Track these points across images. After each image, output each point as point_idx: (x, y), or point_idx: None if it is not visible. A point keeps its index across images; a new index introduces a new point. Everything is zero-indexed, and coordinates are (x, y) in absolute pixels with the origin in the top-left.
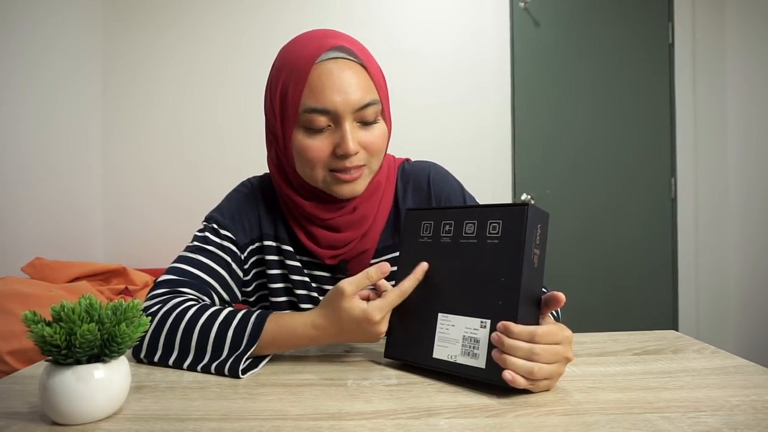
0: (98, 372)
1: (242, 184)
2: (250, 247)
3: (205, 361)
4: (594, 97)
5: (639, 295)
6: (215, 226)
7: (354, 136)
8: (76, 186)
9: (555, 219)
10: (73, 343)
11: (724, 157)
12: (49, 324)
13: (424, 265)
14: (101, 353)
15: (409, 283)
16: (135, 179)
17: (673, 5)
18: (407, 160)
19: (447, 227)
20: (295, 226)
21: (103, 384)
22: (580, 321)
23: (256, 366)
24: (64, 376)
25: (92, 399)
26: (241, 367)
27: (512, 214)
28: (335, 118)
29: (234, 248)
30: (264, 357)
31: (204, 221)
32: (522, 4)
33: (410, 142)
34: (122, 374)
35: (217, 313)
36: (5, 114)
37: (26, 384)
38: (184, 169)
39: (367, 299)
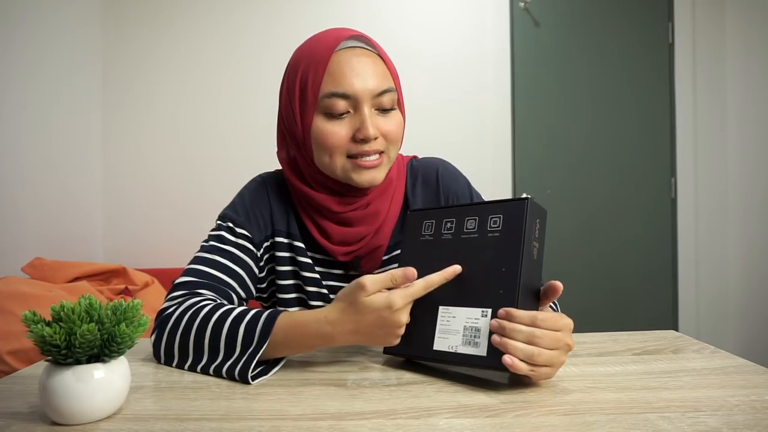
0: (98, 372)
1: (253, 180)
2: (265, 244)
3: (218, 360)
4: (594, 96)
5: (639, 295)
6: (231, 224)
7: (373, 121)
8: (76, 186)
9: (555, 219)
10: (73, 343)
11: (724, 157)
12: (48, 324)
13: (456, 268)
14: (101, 353)
15: (437, 278)
16: (135, 179)
17: (673, 5)
18: (414, 157)
19: (448, 224)
20: (308, 221)
21: (103, 384)
22: (580, 321)
23: (266, 373)
24: (63, 376)
25: (92, 399)
26: (251, 372)
27: (513, 207)
28: (355, 103)
29: (251, 246)
30: (275, 364)
31: (218, 220)
32: (522, 4)
33: (410, 141)
34: (122, 374)
35: (229, 311)
36: (5, 114)
37: (26, 384)
38: (185, 168)
39: None
